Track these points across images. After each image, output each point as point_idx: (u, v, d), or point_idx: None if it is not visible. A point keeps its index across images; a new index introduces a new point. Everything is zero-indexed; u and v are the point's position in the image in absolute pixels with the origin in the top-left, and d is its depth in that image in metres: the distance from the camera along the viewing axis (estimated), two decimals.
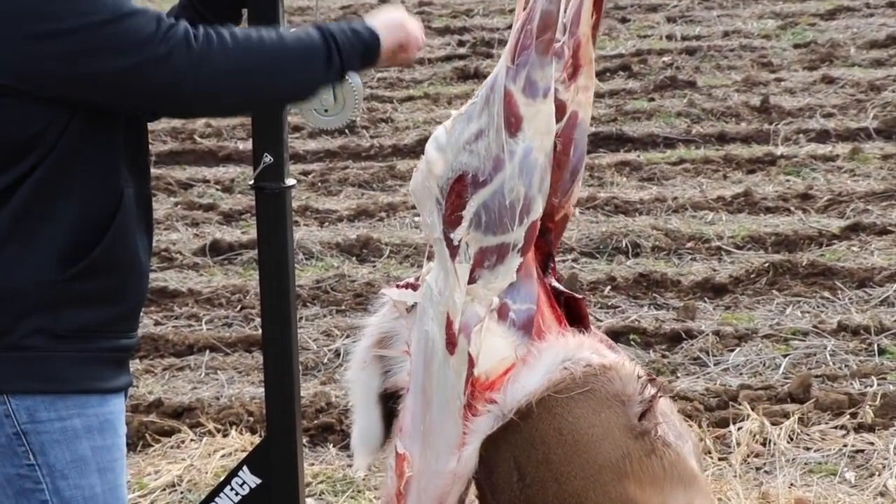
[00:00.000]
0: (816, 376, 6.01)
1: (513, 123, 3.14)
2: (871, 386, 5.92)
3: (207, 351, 6.62)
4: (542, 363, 3.11)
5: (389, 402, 3.38)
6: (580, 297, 3.35)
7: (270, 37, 2.87)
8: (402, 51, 3.06)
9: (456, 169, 3.19)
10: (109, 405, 2.93)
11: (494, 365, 3.15)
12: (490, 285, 3.18)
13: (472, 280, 3.18)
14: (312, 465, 5.51)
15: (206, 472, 5.43)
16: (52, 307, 2.84)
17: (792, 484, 5.21)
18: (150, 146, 3.03)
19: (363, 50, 2.97)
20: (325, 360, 6.49)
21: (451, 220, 3.20)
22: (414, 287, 3.33)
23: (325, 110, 3.14)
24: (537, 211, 3.16)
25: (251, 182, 3.35)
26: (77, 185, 2.83)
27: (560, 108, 3.23)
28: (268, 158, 3.24)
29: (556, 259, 3.37)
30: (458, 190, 3.19)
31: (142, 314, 3.10)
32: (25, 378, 2.85)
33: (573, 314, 3.32)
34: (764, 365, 6.22)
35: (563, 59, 3.23)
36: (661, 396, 3.13)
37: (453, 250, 3.19)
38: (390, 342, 3.37)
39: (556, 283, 3.33)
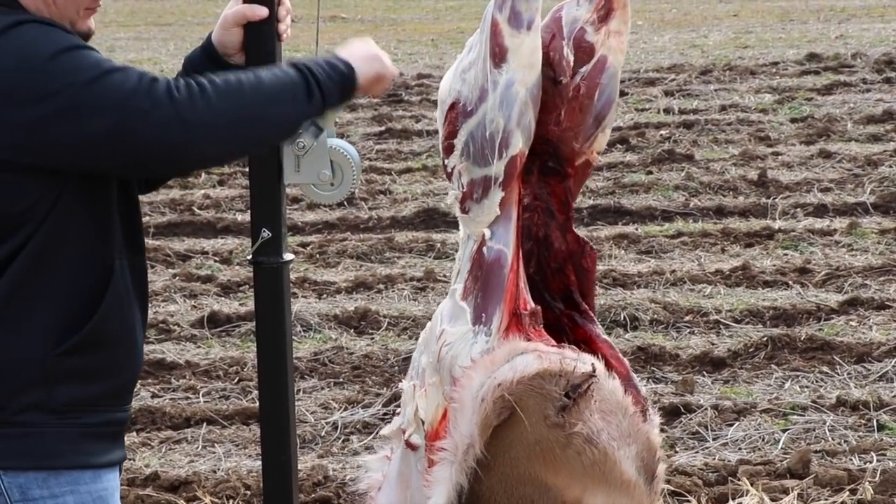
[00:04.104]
0: (815, 452, 5.99)
1: (497, 54, 3.15)
2: (871, 462, 5.89)
3: (205, 423, 6.59)
4: (466, 404, 3.14)
5: None
6: (595, 252, 3.38)
7: (248, 78, 2.87)
8: (377, 82, 3.06)
9: (452, 95, 3.23)
10: (103, 481, 2.91)
11: (433, 414, 3.19)
12: (478, 218, 3.21)
13: (463, 210, 3.22)
14: None
15: None
16: (45, 382, 2.82)
17: None
18: (147, 217, 3.01)
19: (341, 82, 2.97)
20: (323, 433, 6.46)
21: (446, 146, 3.24)
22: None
23: (325, 184, 3.14)
24: (516, 146, 3.16)
25: (249, 256, 3.35)
26: (68, 258, 2.82)
27: (588, 51, 3.24)
28: (266, 233, 3.23)
29: None
30: (451, 118, 3.22)
31: (138, 386, 3.08)
32: (18, 454, 2.83)
33: (586, 268, 3.35)
34: (763, 440, 6.20)
35: (594, 0, 3.24)
36: (587, 397, 3.13)
37: (448, 176, 3.24)
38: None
39: (577, 234, 3.35)
